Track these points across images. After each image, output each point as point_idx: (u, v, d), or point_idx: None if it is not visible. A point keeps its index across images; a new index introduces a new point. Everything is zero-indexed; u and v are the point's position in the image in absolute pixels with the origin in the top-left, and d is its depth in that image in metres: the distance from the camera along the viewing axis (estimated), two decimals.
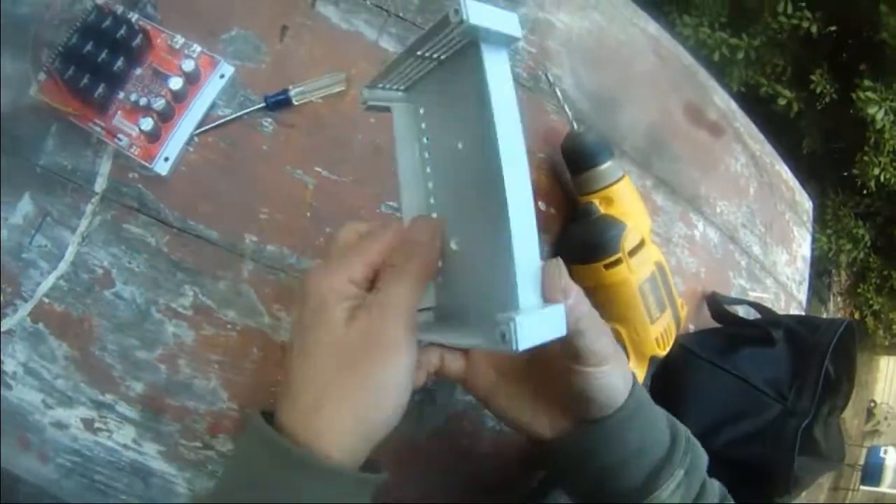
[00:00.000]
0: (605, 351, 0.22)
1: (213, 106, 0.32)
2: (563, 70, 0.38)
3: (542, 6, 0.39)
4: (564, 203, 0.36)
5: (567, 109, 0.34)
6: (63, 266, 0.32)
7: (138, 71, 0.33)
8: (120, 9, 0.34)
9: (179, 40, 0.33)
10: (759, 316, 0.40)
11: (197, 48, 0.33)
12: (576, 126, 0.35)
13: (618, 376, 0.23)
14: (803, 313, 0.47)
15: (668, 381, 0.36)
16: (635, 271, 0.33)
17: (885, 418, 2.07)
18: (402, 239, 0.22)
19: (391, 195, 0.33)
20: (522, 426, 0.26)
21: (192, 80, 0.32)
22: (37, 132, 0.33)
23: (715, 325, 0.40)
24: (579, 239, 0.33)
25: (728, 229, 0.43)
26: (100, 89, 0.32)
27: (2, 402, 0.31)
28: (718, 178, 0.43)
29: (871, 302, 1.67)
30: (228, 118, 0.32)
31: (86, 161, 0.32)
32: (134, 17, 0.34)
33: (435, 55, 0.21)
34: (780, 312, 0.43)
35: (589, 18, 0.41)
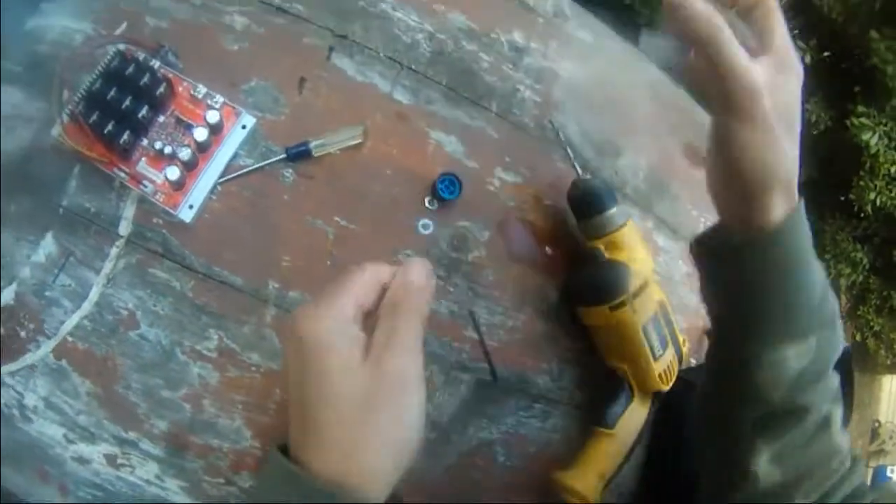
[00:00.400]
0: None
1: (235, 156, 0.33)
2: (568, 118, 0.40)
3: (546, 55, 0.41)
4: (570, 248, 0.38)
5: (572, 158, 0.36)
6: (87, 306, 0.33)
7: (161, 118, 0.34)
8: (142, 55, 0.35)
9: (202, 90, 0.34)
10: None
11: (220, 98, 0.34)
12: (581, 173, 0.36)
13: (778, 145, 0.22)
14: None
15: (672, 413, 0.38)
16: (639, 312, 0.34)
17: (891, 437, 2.05)
18: (392, 277, 0.23)
19: (407, 245, 0.35)
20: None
21: (216, 130, 0.33)
22: (59, 173, 0.34)
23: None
24: (586, 282, 0.35)
25: None
26: (124, 136, 0.33)
27: (21, 435, 0.32)
28: (716, 214, 0.45)
29: (871, 323, 1.67)
30: (251, 168, 0.33)
31: (109, 204, 0.33)
32: (156, 64, 0.35)
33: None
34: None
35: (592, 66, 0.43)
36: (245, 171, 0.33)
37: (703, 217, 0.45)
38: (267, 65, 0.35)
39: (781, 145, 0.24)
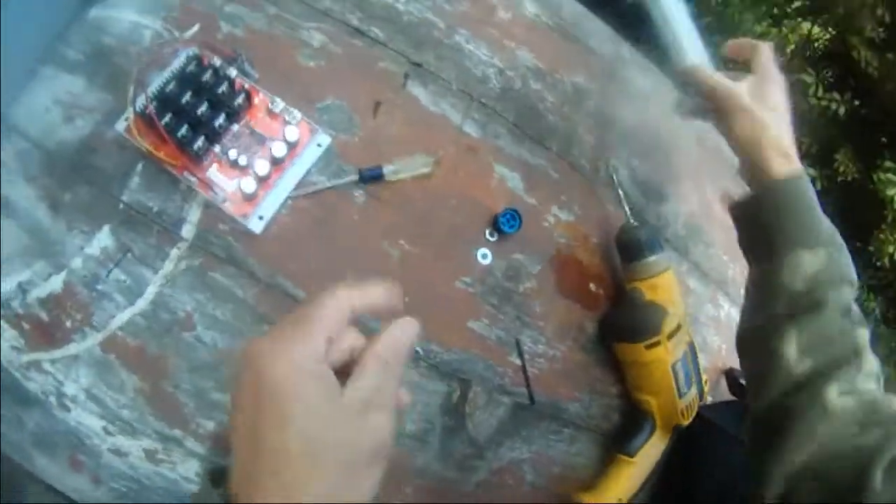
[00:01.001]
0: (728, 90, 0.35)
1: (307, 172, 0.34)
2: (620, 161, 0.42)
3: (604, 98, 0.43)
4: (613, 286, 0.40)
5: (624, 202, 0.38)
6: (142, 303, 0.33)
7: (235, 128, 0.35)
8: (218, 62, 0.35)
9: (279, 104, 0.35)
10: None
11: (297, 114, 0.34)
12: (630, 218, 0.38)
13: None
14: None
15: (688, 446, 0.41)
16: (671, 352, 0.37)
17: None
18: (363, 302, 0.21)
19: (466, 272, 0.36)
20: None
21: (292, 145, 0.34)
22: (121, 167, 0.34)
23: (731, 397, 0.45)
24: (625, 321, 0.38)
25: None
26: (199, 142, 0.33)
27: (55, 423, 0.32)
28: (745, 261, 0.48)
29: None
30: (324, 187, 0.34)
31: (173, 205, 0.34)
32: (232, 73, 0.35)
33: None
34: None
35: (644, 110, 0.45)
36: (319, 188, 0.34)
37: (733, 263, 0.48)
38: (343, 85, 0.36)
39: (763, 121, 0.34)
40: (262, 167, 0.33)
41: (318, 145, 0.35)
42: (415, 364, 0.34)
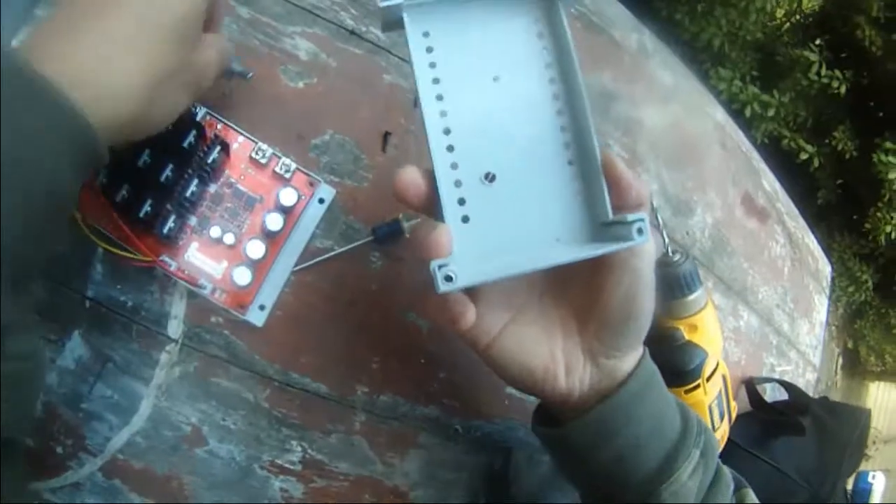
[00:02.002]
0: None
1: (311, 236, 0.28)
2: (650, 175, 0.38)
3: (634, 102, 0.38)
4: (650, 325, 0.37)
5: (664, 233, 0.34)
6: (138, 421, 0.28)
7: (212, 188, 0.28)
8: None
9: (266, 151, 0.28)
10: (786, 394, 0.45)
11: (291, 164, 0.28)
12: (669, 249, 0.35)
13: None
14: (817, 375, 0.54)
15: None
16: (709, 393, 0.35)
17: (874, 443, 1.92)
18: None
19: None
20: (535, 372, 0.23)
21: (288, 210, 0.28)
22: (78, 253, 0.27)
23: (748, 408, 0.44)
24: (664, 364, 0.34)
25: (766, 313, 0.46)
26: (170, 223, 0.26)
27: None
28: (762, 264, 0.45)
29: (867, 337, 1.75)
30: (332, 254, 0.28)
31: (151, 299, 0.28)
32: (200, 113, 0.27)
33: None
34: (798, 379, 0.49)
35: (670, 111, 0.40)
36: (325, 257, 0.28)
37: (752, 269, 0.45)
38: (342, 111, 0.29)
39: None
40: (255, 249, 0.27)
41: (321, 201, 0.28)
42: (455, 441, 0.31)
